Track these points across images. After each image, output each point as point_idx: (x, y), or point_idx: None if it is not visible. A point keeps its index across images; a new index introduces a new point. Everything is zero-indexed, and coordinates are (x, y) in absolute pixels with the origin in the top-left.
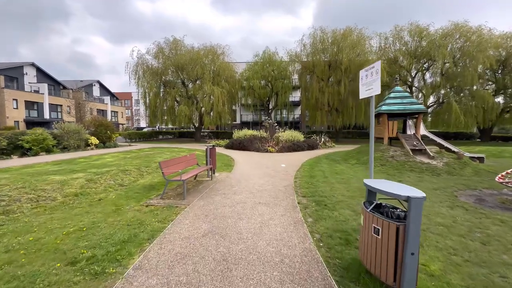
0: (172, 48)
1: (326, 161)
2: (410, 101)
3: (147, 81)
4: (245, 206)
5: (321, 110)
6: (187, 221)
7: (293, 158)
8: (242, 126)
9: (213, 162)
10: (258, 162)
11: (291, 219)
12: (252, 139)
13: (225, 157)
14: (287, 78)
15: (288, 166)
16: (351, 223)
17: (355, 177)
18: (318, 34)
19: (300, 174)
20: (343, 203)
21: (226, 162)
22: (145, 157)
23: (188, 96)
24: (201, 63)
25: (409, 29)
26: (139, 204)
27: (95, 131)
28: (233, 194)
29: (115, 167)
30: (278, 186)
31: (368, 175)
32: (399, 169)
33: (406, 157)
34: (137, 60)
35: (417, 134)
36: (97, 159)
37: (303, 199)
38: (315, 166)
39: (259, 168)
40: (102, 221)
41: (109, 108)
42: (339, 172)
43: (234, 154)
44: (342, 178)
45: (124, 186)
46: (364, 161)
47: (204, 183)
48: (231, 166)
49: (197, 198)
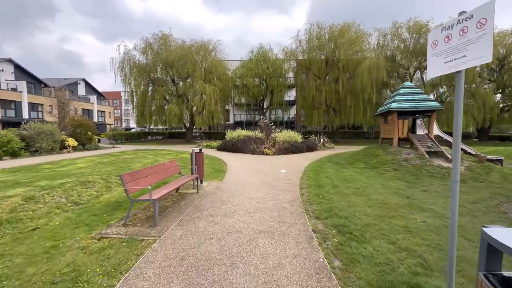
0: (161, 43)
1: (331, 165)
2: (422, 97)
3: (134, 78)
4: (240, 237)
5: (318, 109)
6: (150, 273)
7: (292, 162)
8: (236, 126)
9: (200, 170)
10: (254, 167)
11: (309, 263)
12: (247, 140)
13: (217, 161)
14: (282, 76)
15: (289, 172)
16: (400, 269)
17: (370, 185)
18: (314, 30)
19: (305, 182)
20: (372, 228)
21: (218, 167)
22: (122, 163)
23: (178, 95)
24: (192, 59)
25: (408, 25)
26: (89, 236)
27: (73, 132)
28: (224, 216)
29: (77, 176)
30: (281, 200)
31: (384, 183)
32: (416, 174)
33: (421, 160)
34: (124, 56)
35: (430, 134)
36: (67, 164)
37: (318, 223)
38: (319, 171)
39: (256, 174)
40: (13, 275)
41: (96, 108)
42: (349, 179)
43: (227, 157)
44: (356, 188)
45: (80, 204)
46: (373, 165)
47: (188, 197)
48: (223, 172)
49: (175, 223)
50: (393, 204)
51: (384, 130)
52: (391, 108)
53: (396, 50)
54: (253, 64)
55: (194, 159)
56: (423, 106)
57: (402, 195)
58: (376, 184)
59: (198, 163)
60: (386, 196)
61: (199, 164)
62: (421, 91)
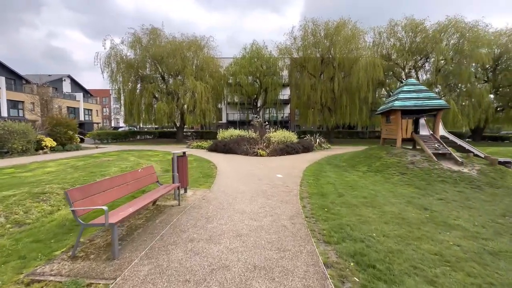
0: (150, 38)
1: (331, 168)
2: (427, 95)
3: (121, 75)
4: (228, 279)
5: (312, 108)
6: None
7: (289, 164)
8: (229, 126)
9: (183, 178)
10: (247, 170)
11: None
12: (240, 141)
13: (206, 163)
14: (277, 74)
15: (286, 177)
16: None
17: (378, 193)
18: (309, 26)
19: (306, 190)
20: (398, 257)
21: (206, 171)
22: (96, 167)
23: (168, 92)
24: (182, 55)
25: (404, 23)
26: (15, 279)
27: (52, 131)
28: (208, 241)
29: (33, 185)
30: (280, 216)
31: (394, 190)
32: (426, 179)
33: (429, 163)
34: (110, 51)
35: (436, 134)
36: (35, 168)
37: (330, 251)
38: (319, 176)
39: (249, 180)
40: None
41: (82, 106)
42: (354, 185)
43: (218, 158)
44: (364, 198)
45: (24, 225)
46: (377, 168)
47: (166, 211)
48: (211, 177)
49: (142, 252)
50: (412, 219)
51: (385, 130)
52: (395, 107)
53: (392, 49)
54: (246, 61)
55: (176, 165)
56: (429, 105)
57: (419, 206)
58: (385, 191)
59: (181, 169)
60: (401, 208)
61: (182, 170)
62: (426, 88)
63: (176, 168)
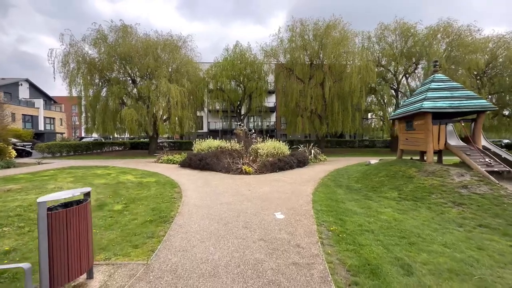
0: (118, 36)
1: (345, 194)
2: (464, 94)
3: (83, 76)
4: None
5: (301, 116)
6: None
7: (287, 189)
8: (209, 135)
9: (78, 254)
10: (227, 203)
11: None
12: (219, 154)
13: (169, 189)
14: (262, 79)
15: (290, 217)
16: None
17: (456, 250)
18: (297, 27)
19: (336, 255)
20: None
21: (163, 207)
22: None
23: (138, 97)
24: (155, 54)
25: (394, 27)
26: None
27: None
28: None
29: None
30: None
31: (473, 240)
32: (500, 215)
33: (489, 187)
34: (69, 48)
35: (478, 145)
36: None
37: None
38: (339, 211)
39: (229, 230)
40: None
41: (42, 114)
42: (400, 229)
43: (189, 180)
44: (449, 270)
45: None
46: (413, 194)
47: None
48: (166, 222)
49: None
50: None
51: (405, 140)
52: (424, 108)
53: (381, 54)
54: (228, 64)
55: (47, 236)
56: (469, 106)
57: None
58: (460, 243)
59: (71, 241)
60: None
61: (73, 242)
62: (461, 85)
63: (47, 243)
